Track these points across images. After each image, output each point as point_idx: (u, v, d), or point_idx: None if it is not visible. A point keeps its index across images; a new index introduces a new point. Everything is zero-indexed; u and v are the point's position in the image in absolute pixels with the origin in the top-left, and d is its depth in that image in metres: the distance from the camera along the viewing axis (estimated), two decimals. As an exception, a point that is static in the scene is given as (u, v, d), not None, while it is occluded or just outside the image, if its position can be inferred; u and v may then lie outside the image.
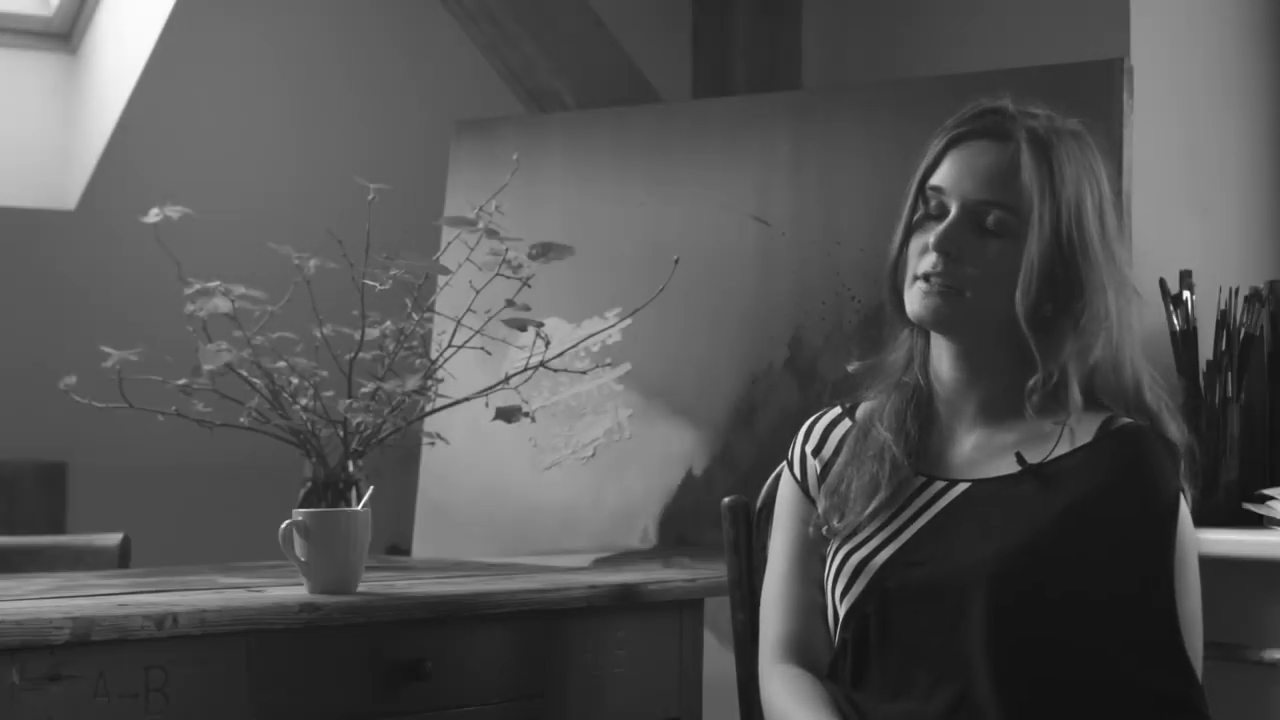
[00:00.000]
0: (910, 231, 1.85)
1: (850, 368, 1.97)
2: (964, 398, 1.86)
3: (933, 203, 1.83)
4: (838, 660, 1.85)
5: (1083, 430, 1.79)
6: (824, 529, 1.87)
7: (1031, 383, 1.79)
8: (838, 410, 1.97)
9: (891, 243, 1.87)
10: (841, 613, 1.84)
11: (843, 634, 1.84)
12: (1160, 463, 1.77)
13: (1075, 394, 1.78)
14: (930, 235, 1.81)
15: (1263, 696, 2.52)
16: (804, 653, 1.90)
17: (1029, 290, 1.78)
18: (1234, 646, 2.49)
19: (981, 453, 1.84)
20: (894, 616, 1.79)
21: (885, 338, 1.95)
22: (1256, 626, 2.51)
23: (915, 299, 1.82)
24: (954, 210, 1.81)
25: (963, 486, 1.82)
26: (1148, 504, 1.75)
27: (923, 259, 1.82)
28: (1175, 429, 1.81)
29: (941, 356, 1.87)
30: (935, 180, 1.84)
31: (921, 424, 1.87)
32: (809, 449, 1.95)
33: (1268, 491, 2.58)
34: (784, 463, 1.99)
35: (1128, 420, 1.79)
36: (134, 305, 3.59)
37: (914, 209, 1.85)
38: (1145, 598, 1.73)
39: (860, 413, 1.94)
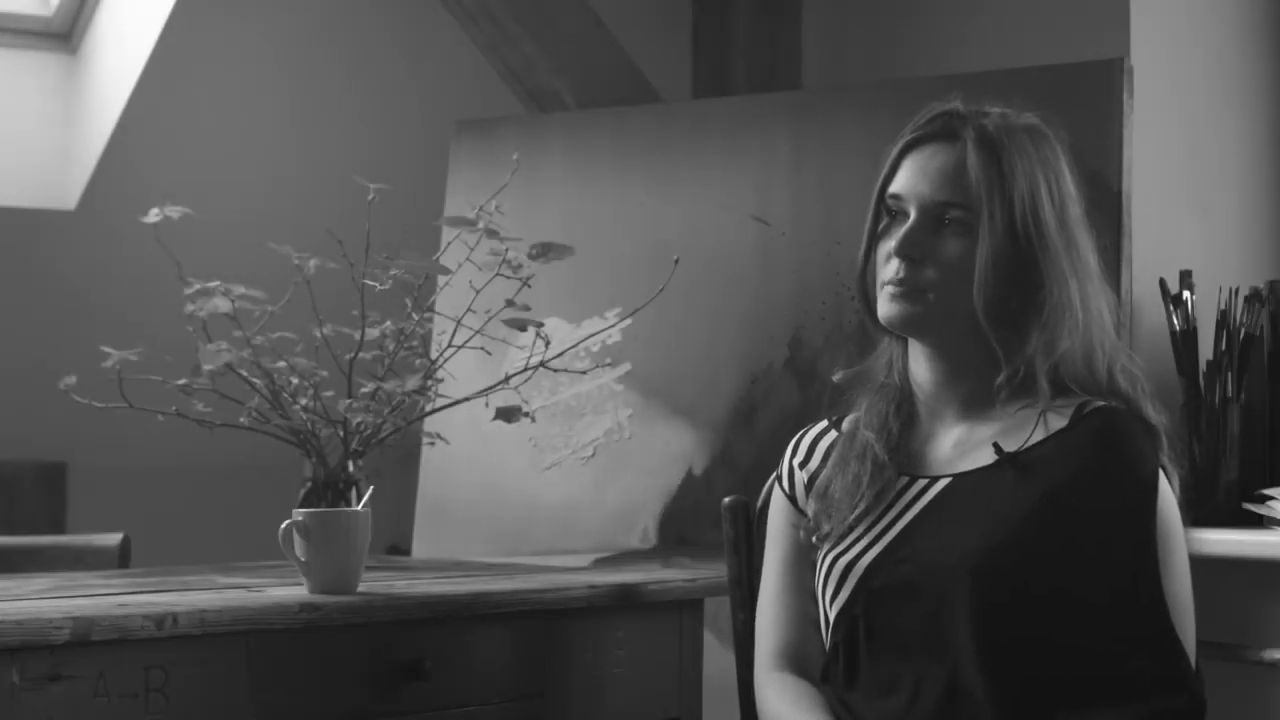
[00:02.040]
0: (875, 241, 1.88)
1: (835, 378, 1.99)
2: (943, 397, 1.87)
3: (893, 210, 1.86)
4: (830, 664, 1.86)
5: (1058, 416, 1.79)
6: (814, 535, 1.89)
7: (999, 379, 1.81)
8: (824, 424, 2.00)
9: (857, 254, 1.90)
10: (832, 616, 1.85)
11: (834, 637, 1.85)
12: (1136, 441, 1.77)
13: (1043, 386, 1.80)
14: (893, 241, 1.83)
15: (1263, 696, 2.52)
16: (799, 662, 1.92)
17: (985, 285, 1.79)
18: (1234, 646, 2.49)
19: (961, 448, 1.85)
20: (881, 616, 1.80)
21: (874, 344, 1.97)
22: (1256, 626, 2.51)
23: (884, 305, 1.85)
24: (913, 214, 1.84)
25: (944, 482, 1.83)
26: (1124, 482, 1.75)
27: (887, 265, 1.85)
28: (1152, 410, 1.81)
29: (918, 358, 1.89)
30: (893, 188, 1.87)
31: (903, 424, 1.89)
32: (796, 462, 1.98)
33: (1268, 491, 2.58)
34: (774, 476, 2.01)
35: (1102, 403, 1.80)
36: (134, 305, 3.59)
37: (876, 218, 1.89)
38: (1130, 579, 1.72)
39: (847, 423, 1.96)
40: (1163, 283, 2.73)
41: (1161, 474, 1.78)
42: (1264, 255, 3.01)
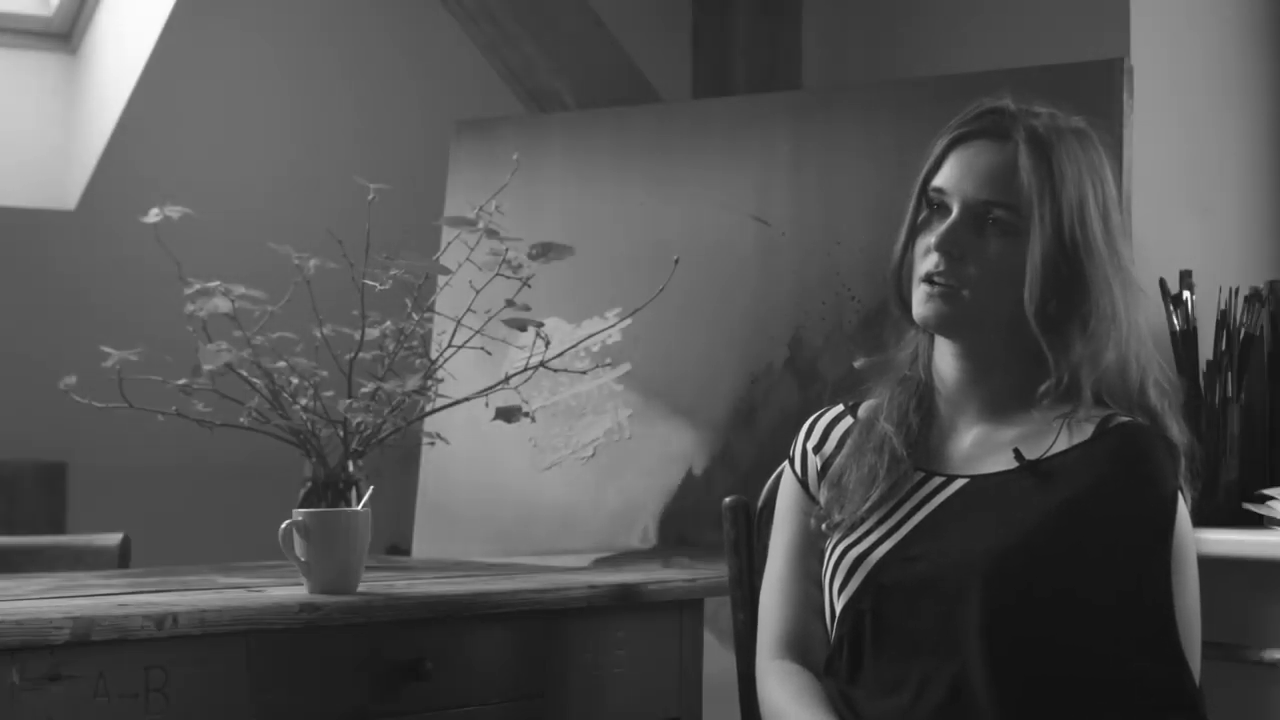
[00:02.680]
0: (915, 233, 1.86)
1: (857, 364, 1.98)
2: (966, 395, 1.87)
3: (935, 204, 1.85)
4: (834, 656, 1.86)
5: (1081, 427, 1.79)
6: (824, 524, 1.88)
7: (1044, 387, 1.80)
8: (840, 408, 1.98)
9: (895, 244, 1.89)
10: (838, 609, 1.84)
11: (839, 630, 1.84)
12: (1159, 461, 1.77)
13: (1087, 397, 1.79)
14: (933, 236, 1.82)
15: (1263, 696, 2.52)
16: (801, 649, 1.91)
17: (1035, 290, 1.78)
18: (1234, 646, 2.49)
19: (981, 449, 1.84)
20: (889, 612, 1.80)
21: (888, 337, 1.96)
22: (1256, 626, 2.51)
23: (920, 302, 1.83)
24: (955, 210, 1.82)
25: (960, 482, 1.83)
26: (1144, 501, 1.75)
27: (925, 259, 1.83)
28: (1176, 429, 1.81)
29: (944, 354, 1.88)
30: (937, 181, 1.85)
31: (922, 419, 1.88)
32: (810, 446, 1.96)
33: (1268, 491, 2.58)
34: (785, 461, 2.00)
35: (1126, 418, 1.79)
36: (134, 305, 3.58)
37: (917, 210, 1.87)
38: (1140, 595, 1.73)
39: (863, 409, 1.95)
40: (1163, 283, 2.72)
41: (1180, 494, 1.78)
42: (1264, 255, 3.01)
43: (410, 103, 3.83)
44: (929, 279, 1.82)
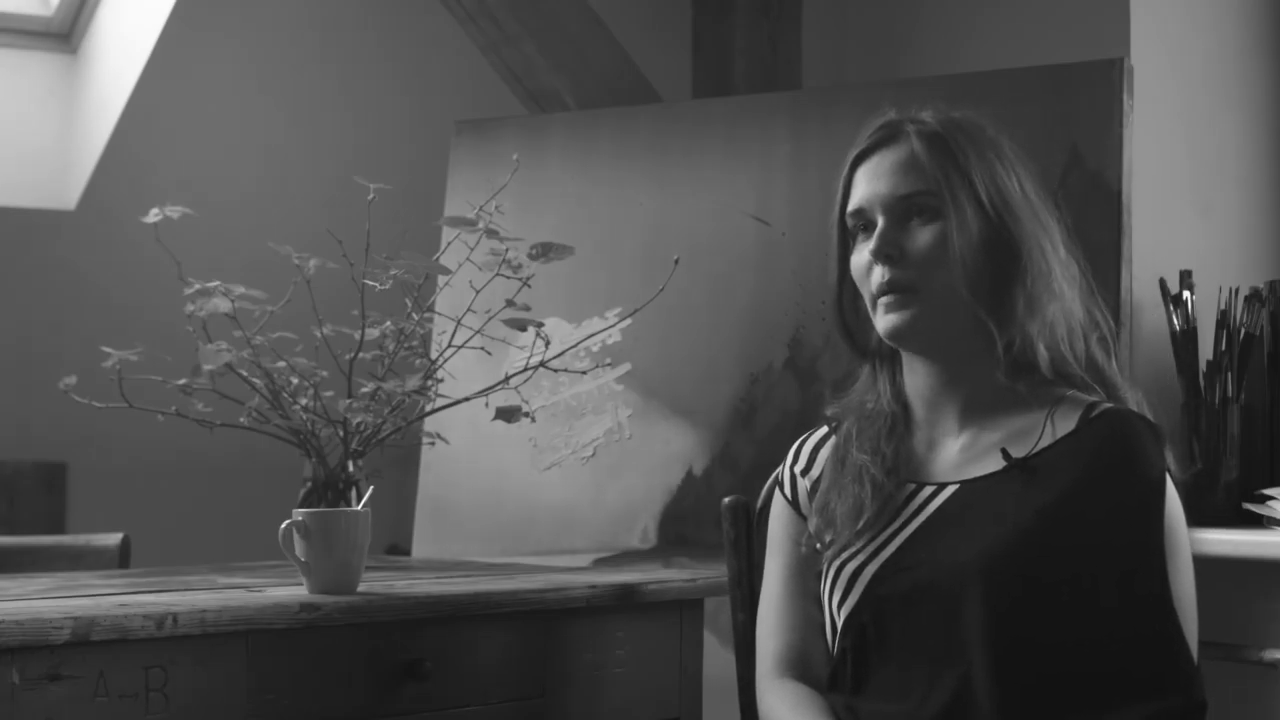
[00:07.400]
0: (846, 263, 1.89)
1: (828, 413, 1.98)
2: (943, 406, 1.87)
3: (859, 226, 1.87)
4: (838, 669, 1.86)
5: (1065, 420, 1.80)
6: (816, 546, 1.88)
7: (999, 349, 1.81)
8: (824, 430, 1.99)
9: (830, 280, 1.91)
10: (840, 622, 1.85)
11: (842, 643, 1.85)
12: (1143, 445, 1.77)
13: (1042, 352, 1.80)
14: (867, 253, 1.84)
15: (1263, 696, 2.52)
16: (802, 667, 1.91)
17: (962, 263, 1.80)
18: (1234, 646, 2.49)
19: (969, 454, 1.84)
20: (890, 622, 1.80)
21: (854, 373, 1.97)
22: (1256, 626, 2.51)
23: (881, 318, 1.84)
24: (880, 219, 1.84)
25: (951, 489, 1.83)
26: (1133, 489, 1.75)
27: (869, 277, 1.85)
28: (1133, 399, 1.82)
29: (913, 371, 1.88)
30: (852, 205, 1.88)
31: (899, 440, 1.88)
32: (798, 470, 1.98)
33: (1268, 491, 2.58)
34: (774, 484, 2.01)
35: (1109, 405, 1.80)
36: (134, 305, 3.59)
37: (843, 241, 1.90)
38: (1137, 585, 1.73)
39: (829, 445, 1.96)
40: (1163, 283, 2.73)
41: (1167, 477, 1.78)
42: (1264, 255, 3.01)
43: (410, 103, 3.83)
44: (882, 292, 1.83)
